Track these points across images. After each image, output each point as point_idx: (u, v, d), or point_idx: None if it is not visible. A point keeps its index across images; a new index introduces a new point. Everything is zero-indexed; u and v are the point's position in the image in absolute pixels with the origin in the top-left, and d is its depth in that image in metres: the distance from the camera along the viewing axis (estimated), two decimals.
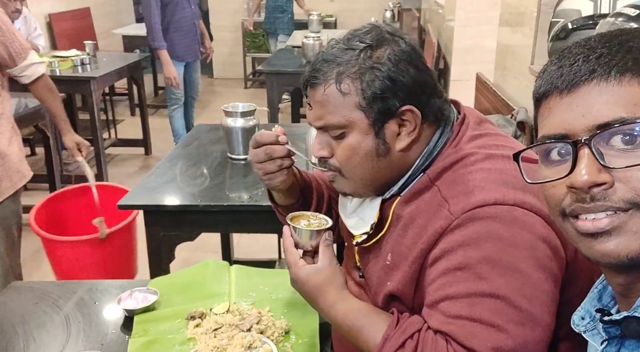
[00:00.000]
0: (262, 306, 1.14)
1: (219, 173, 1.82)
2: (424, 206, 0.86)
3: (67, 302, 1.20)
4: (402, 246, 0.88)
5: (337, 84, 0.85)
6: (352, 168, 0.90)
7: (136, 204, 1.66)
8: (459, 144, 0.89)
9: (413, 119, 0.87)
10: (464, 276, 0.78)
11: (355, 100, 0.85)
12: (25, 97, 3.02)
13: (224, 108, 1.92)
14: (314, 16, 5.08)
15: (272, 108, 3.60)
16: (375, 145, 0.87)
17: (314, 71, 0.88)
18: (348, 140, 0.88)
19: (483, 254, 0.77)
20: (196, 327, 1.08)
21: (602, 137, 0.54)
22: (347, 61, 0.85)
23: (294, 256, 0.94)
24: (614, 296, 0.63)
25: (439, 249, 0.82)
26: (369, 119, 0.86)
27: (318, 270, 0.92)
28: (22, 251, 2.92)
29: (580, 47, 0.58)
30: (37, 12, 4.70)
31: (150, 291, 1.18)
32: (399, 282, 0.87)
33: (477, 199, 0.80)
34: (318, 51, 3.44)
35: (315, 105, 0.89)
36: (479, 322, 0.76)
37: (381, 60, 0.85)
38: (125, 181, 3.77)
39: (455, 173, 0.86)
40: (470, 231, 0.79)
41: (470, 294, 0.78)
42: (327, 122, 0.88)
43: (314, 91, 0.89)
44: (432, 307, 0.82)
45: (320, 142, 0.91)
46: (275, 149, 0.99)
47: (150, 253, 1.66)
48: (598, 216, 0.55)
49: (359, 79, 0.85)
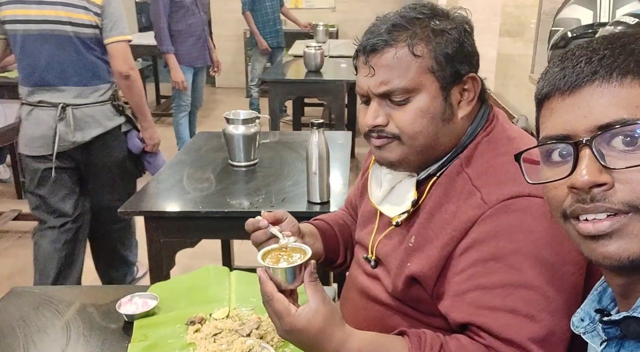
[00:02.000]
0: (262, 311, 1.14)
1: (220, 180, 1.82)
2: (453, 192, 0.88)
3: (67, 307, 1.19)
4: (428, 230, 0.88)
5: (410, 46, 0.86)
6: (415, 133, 0.88)
7: (137, 210, 1.66)
8: (491, 133, 0.91)
9: (473, 88, 0.90)
10: (496, 266, 0.79)
11: (427, 64, 0.86)
12: None
13: (225, 115, 1.93)
14: (320, 27, 5.13)
15: (273, 116, 3.61)
16: (442, 109, 0.88)
17: (381, 36, 0.87)
18: (415, 103, 0.87)
19: (515, 246, 0.79)
20: (196, 332, 1.07)
21: (604, 138, 0.54)
22: (418, 26, 0.87)
23: (283, 303, 0.81)
24: (613, 297, 0.63)
25: (470, 238, 0.82)
26: (439, 82, 0.87)
27: (317, 312, 0.80)
28: (23, 256, 2.93)
29: (583, 49, 0.58)
30: None
31: (150, 296, 1.17)
32: (423, 265, 0.87)
33: (510, 190, 0.81)
34: (320, 60, 3.46)
35: (381, 70, 0.87)
36: (514, 312, 0.77)
37: (450, 27, 0.87)
38: None
39: (487, 162, 0.88)
40: (503, 222, 0.80)
41: (504, 284, 0.78)
42: (396, 86, 0.87)
43: (379, 56, 0.87)
44: (459, 297, 0.82)
45: (376, 110, 0.90)
46: (257, 236, 1.02)
47: (151, 259, 1.66)
48: (598, 217, 0.55)
49: (431, 42, 0.86)
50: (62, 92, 2.05)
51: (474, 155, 0.89)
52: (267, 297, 0.83)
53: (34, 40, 2.00)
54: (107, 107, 2.14)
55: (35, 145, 2.08)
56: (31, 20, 1.98)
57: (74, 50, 2.03)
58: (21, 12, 1.98)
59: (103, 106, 2.13)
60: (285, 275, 0.83)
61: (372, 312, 1.01)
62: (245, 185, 1.79)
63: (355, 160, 4.06)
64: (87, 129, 2.09)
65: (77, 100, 2.07)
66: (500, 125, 0.93)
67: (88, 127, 2.10)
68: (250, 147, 1.91)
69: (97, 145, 2.13)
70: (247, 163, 1.92)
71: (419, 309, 0.94)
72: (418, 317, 0.94)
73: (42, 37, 1.99)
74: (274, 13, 4.99)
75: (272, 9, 4.95)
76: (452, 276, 0.84)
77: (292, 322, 0.80)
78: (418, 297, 0.91)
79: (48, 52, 2.01)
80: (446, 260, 0.85)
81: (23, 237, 3.15)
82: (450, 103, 0.89)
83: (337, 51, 4.62)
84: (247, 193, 1.72)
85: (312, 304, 0.81)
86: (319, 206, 1.60)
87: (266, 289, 0.83)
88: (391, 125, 0.89)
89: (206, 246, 2.08)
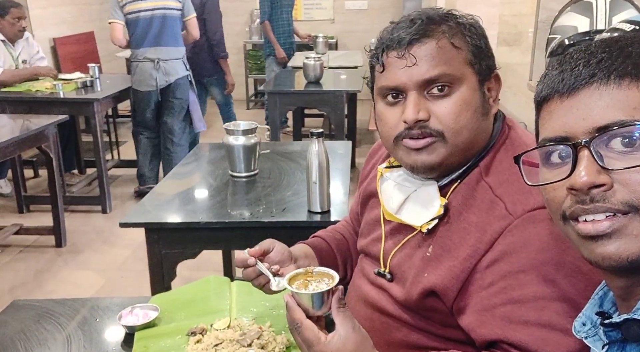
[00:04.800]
0: (263, 321, 1.13)
1: (220, 190, 1.82)
2: (472, 201, 0.85)
3: (68, 320, 1.19)
4: (448, 240, 0.86)
5: (451, 38, 0.85)
6: (459, 127, 0.85)
7: (138, 221, 1.66)
8: (507, 140, 0.90)
9: (497, 87, 0.90)
10: (528, 278, 0.76)
11: (466, 56, 0.86)
12: (29, 119, 3.05)
13: (225, 126, 1.94)
14: (320, 38, 5.17)
15: (273, 127, 3.62)
16: (482, 102, 0.88)
17: (417, 28, 0.86)
18: (458, 95, 0.85)
19: (547, 257, 0.75)
20: (197, 343, 1.06)
21: (602, 139, 0.54)
22: (450, 21, 0.87)
23: (313, 330, 0.78)
24: (615, 302, 0.63)
25: (496, 250, 0.79)
26: (477, 75, 0.87)
27: (347, 339, 0.77)
28: (24, 271, 2.93)
29: (581, 52, 0.59)
30: (43, 36, 4.78)
31: (151, 307, 1.17)
32: (443, 277, 0.84)
33: (536, 200, 0.79)
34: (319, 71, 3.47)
35: (424, 58, 0.84)
36: (549, 327, 0.73)
37: (474, 24, 0.89)
38: (126, 201, 3.78)
39: (507, 170, 0.86)
40: (532, 232, 0.77)
41: (537, 297, 0.75)
42: (444, 71, 0.84)
43: (421, 47, 0.85)
44: (488, 312, 0.78)
45: (418, 104, 0.85)
46: (248, 274, 1.02)
47: (152, 271, 1.65)
48: (597, 217, 0.55)
49: (465, 36, 0.87)
50: (158, 52, 3.52)
51: (492, 164, 0.87)
52: (295, 324, 0.79)
53: (144, 21, 3.47)
54: (181, 62, 3.63)
55: (142, 85, 3.58)
56: (143, 9, 3.46)
57: (167, 25, 3.51)
58: (138, 6, 3.45)
59: (179, 61, 3.61)
60: (312, 301, 0.80)
61: (377, 323, 0.98)
62: (246, 195, 1.79)
63: (356, 170, 4.06)
64: (170, 75, 3.58)
65: (165, 56, 3.54)
66: (515, 132, 0.92)
67: (171, 75, 3.58)
68: (250, 158, 1.91)
69: (174, 85, 3.61)
70: (247, 173, 1.92)
71: (432, 319, 0.90)
72: (428, 328, 0.91)
73: (150, 18, 3.47)
74: (289, 25, 5.13)
75: (287, 22, 5.09)
76: (477, 290, 0.81)
77: (322, 351, 0.77)
78: (433, 308, 0.87)
79: (152, 27, 3.48)
80: (469, 273, 0.82)
81: (24, 252, 3.14)
82: (486, 98, 0.89)
83: (336, 62, 4.66)
84: (247, 203, 1.72)
85: (342, 331, 0.78)
86: (319, 215, 1.59)
87: (294, 316, 0.80)
88: (434, 121, 0.85)
89: (207, 258, 2.08)
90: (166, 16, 3.50)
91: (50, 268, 2.97)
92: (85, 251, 3.16)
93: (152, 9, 3.46)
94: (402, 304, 0.93)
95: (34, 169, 4.21)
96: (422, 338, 0.92)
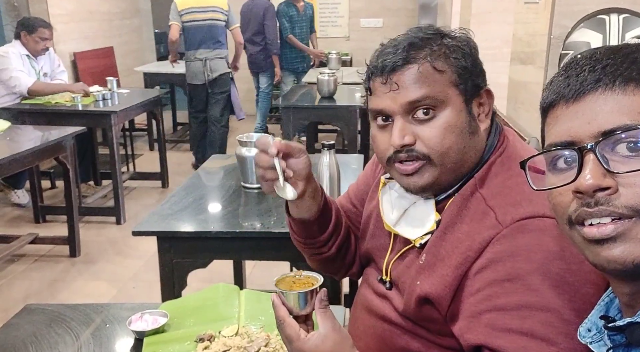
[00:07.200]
0: (271, 329, 1.13)
1: (232, 201, 1.84)
2: (466, 212, 0.87)
3: (79, 324, 1.20)
4: (440, 248, 0.87)
5: (431, 63, 0.86)
6: (445, 149, 0.86)
7: (150, 230, 1.67)
8: (503, 153, 0.91)
9: (489, 101, 0.91)
10: (513, 287, 0.76)
11: (450, 77, 0.87)
12: (47, 130, 3.12)
13: (238, 138, 1.96)
14: (333, 55, 5.26)
15: (287, 140, 3.65)
16: (468, 121, 0.88)
17: (399, 55, 0.87)
18: (442, 118, 0.86)
19: (533, 266, 0.76)
20: (205, 350, 1.07)
21: (607, 143, 0.55)
22: (433, 44, 0.88)
23: (294, 328, 0.82)
24: (620, 309, 0.62)
25: (485, 258, 0.80)
26: (463, 95, 0.87)
27: (325, 337, 0.81)
28: (38, 279, 2.96)
29: (587, 58, 0.60)
30: (63, 51, 4.90)
31: (160, 313, 1.18)
32: (436, 285, 0.86)
33: (525, 211, 0.80)
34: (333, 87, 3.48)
35: (406, 84, 0.86)
36: (530, 335, 0.74)
37: (462, 43, 0.89)
38: (141, 213, 3.82)
39: (501, 183, 0.86)
40: (520, 242, 0.78)
41: (521, 306, 0.75)
42: (425, 94, 0.85)
43: (402, 73, 0.86)
44: (474, 318, 0.79)
45: (403, 129, 0.86)
46: (260, 158, 0.93)
47: (163, 279, 1.67)
48: (603, 221, 0.55)
49: (449, 58, 0.87)
50: (205, 53, 4.38)
51: (488, 176, 0.88)
52: (279, 321, 0.84)
53: (196, 29, 4.36)
54: (223, 61, 4.48)
55: (194, 80, 4.44)
56: (196, 19, 4.34)
57: (214, 32, 4.40)
58: (193, 17, 4.34)
59: (222, 60, 4.46)
60: (297, 300, 0.84)
61: (380, 331, 0.99)
62: (257, 206, 1.80)
63: None
64: (215, 72, 4.42)
65: (211, 56, 4.40)
66: (512, 145, 0.93)
67: (215, 71, 4.42)
68: None
69: (218, 80, 4.45)
70: (259, 185, 1.93)
71: (429, 329, 0.92)
72: (428, 337, 0.93)
73: (201, 26, 4.36)
74: (303, 40, 5.53)
75: (301, 37, 5.52)
76: (466, 297, 0.82)
77: (300, 347, 0.81)
78: (430, 317, 0.89)
79: (202, 33, 4.36)
80: (460, 280, 0.83)
81: (39, 261, 3.18)
82: (474, 116, 0.89)
83: (350, 78, 4.69)
84: (258, 214, 1.73)
85: (322, 329, 0.81)
86: None
87: (279, 313, 0.84)
88: (420, 145, 0.86)
89: (218, 269, 2.08)
90: (213, 25, 4.41)
91: (64, 278, 3.00)
92: (99, 261, 3.19)
93: (204, 19, 4.39)
94: (401, 313, 0.94)
95: (51, 180, 4.28)
96: (422, 346, 0.92)
